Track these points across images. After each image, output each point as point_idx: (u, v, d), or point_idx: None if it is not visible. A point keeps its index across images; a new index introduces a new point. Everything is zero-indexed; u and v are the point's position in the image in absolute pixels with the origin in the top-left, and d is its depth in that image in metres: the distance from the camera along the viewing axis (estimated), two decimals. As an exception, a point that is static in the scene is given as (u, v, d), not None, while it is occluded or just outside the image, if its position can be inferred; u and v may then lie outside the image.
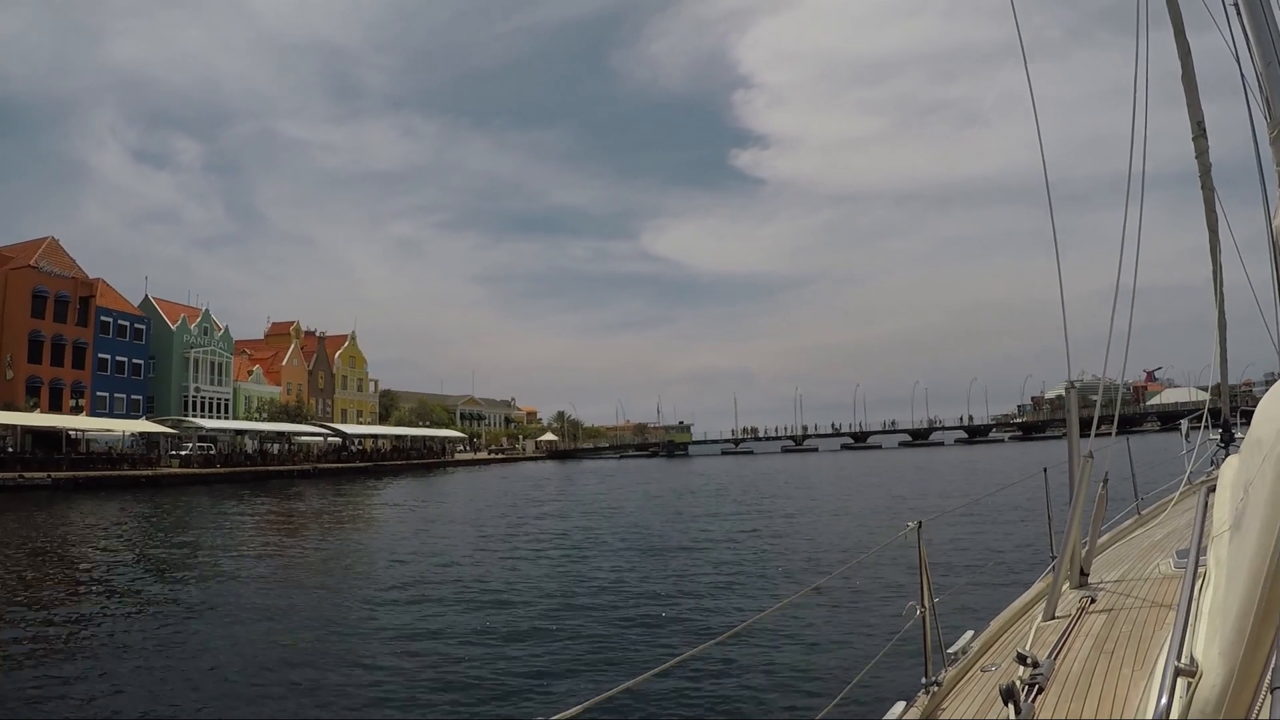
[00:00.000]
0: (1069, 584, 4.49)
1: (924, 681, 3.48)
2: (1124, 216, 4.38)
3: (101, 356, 58.78)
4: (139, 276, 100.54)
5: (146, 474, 45.31)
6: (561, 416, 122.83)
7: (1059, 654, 3.41)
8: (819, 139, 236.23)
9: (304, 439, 65.31)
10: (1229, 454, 6.49)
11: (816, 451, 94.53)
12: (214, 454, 55.46)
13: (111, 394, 59.35)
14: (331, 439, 67.36)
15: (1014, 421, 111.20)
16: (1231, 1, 3.65)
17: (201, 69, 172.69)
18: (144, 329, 63.25)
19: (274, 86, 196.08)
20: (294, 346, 79.99)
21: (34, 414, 47.50)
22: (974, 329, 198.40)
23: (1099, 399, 5.19)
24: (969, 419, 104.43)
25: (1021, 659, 3.04)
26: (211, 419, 62.56)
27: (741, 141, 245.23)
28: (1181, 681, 1.74)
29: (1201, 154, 6.58)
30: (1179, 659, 1.78)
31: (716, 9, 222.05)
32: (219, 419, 64.22)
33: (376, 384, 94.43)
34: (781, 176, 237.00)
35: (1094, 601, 4.18)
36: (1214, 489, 3.34)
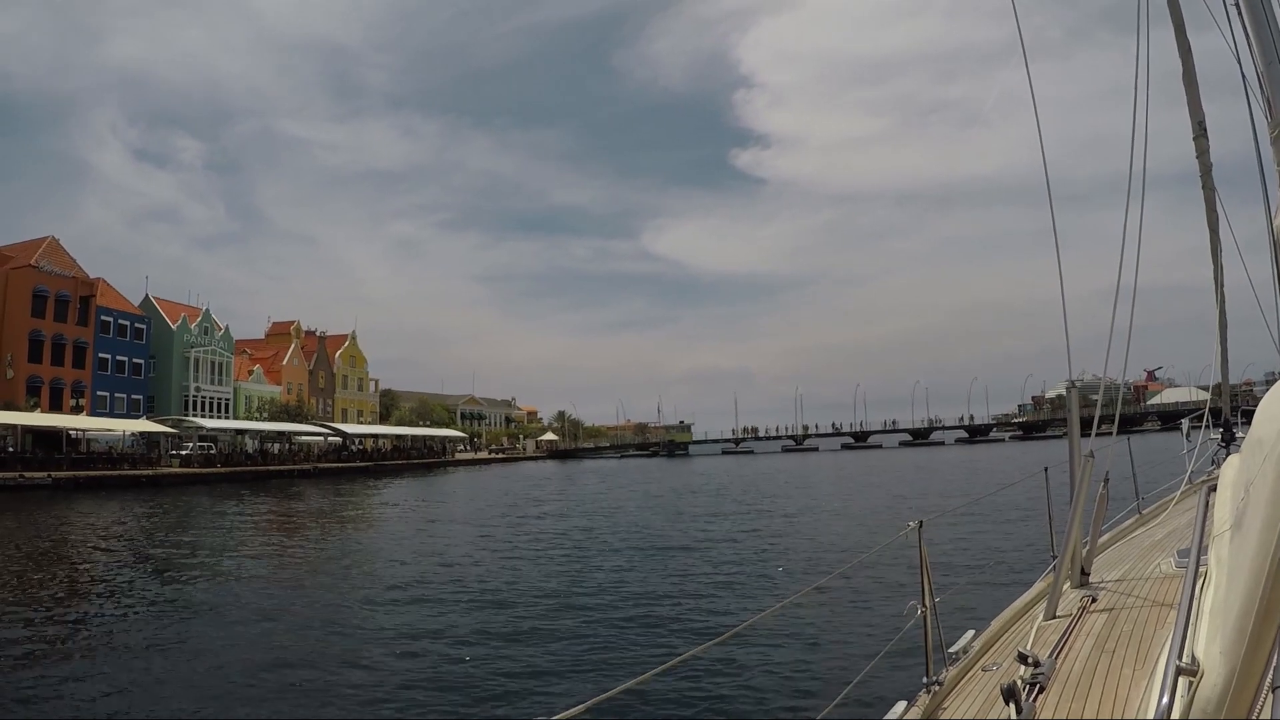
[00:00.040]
0: (1070, 583, 4.49)
1: (925, 681, 3.48)
2: (1125, 216, 4.39)
3: (102, 356, 58.82)
4: (139, 276, 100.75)
5: (147, 474, 45.34)
6: (562, 416, 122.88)
7: (1060, 653, 3.41)
8: (820, 139, 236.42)
9: (304, 439, 65.35)
10: (1230, 453, 6.49)
11: (817, 451, 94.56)
12: (214, 454, 55.49)
13: (112, 393, 59.40)
14: (332, 439, 67.42)
15: (1014, 421, 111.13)
16: (1232, 1, 3.66)
17: (202, 68, 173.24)
18: (144, 328, 63.28)
19: (275, 85, 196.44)
20: (294, 346, 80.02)
21: (34, 414, 47.54)
22: (974, 329, 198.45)
23: (1100, 399, 5.19)
24: (969, 419, 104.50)
25: (1023, 658, 3.04)
26: (212, 419, 62.62)
27: (742, 141, 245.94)
28: (1183, 681, 1.74)
29: (1202, 154, 6.58)
30: (1180, 658, 1.78)
31: (718, 9, 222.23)
32: (219, 419, 64.28)
33: (377, 383, 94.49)
34: (782, 176, 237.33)
35: (1095, 601, 4.18)
36: (1215, 488, 3.34)
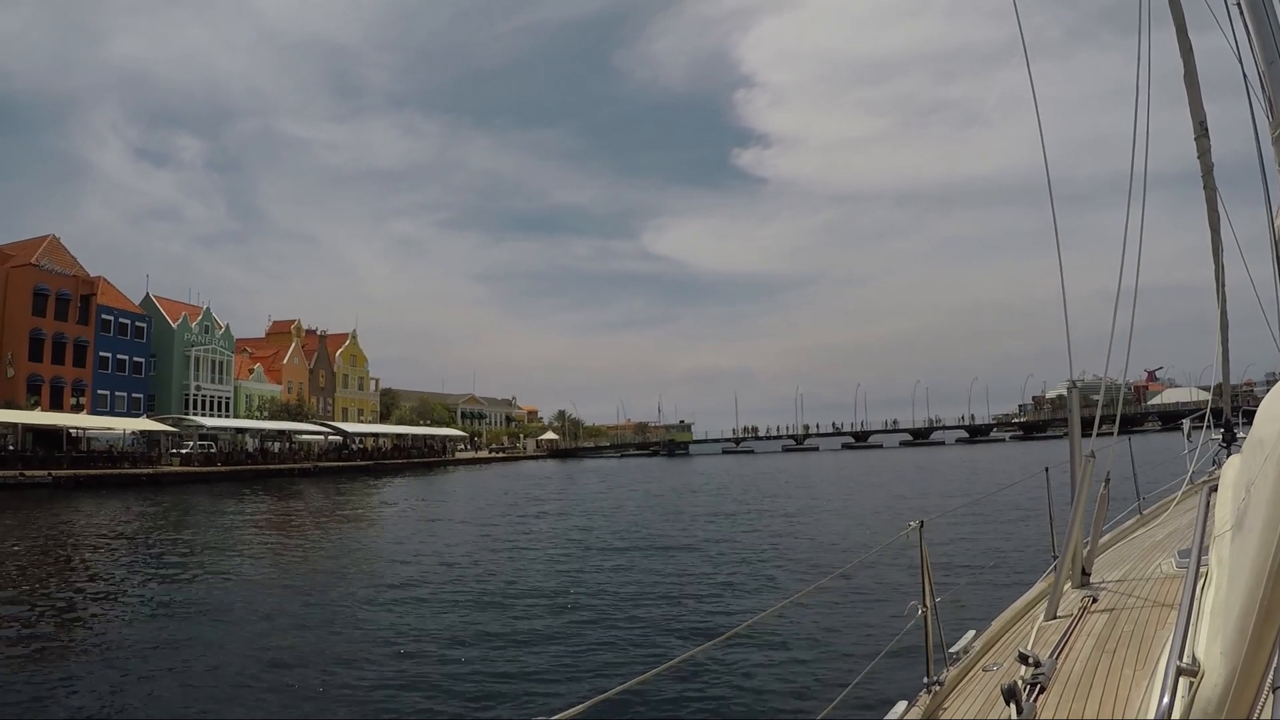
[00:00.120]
0: (1071, 583, 4.49)
1: (926, 681, 3.48)
2: (1126, 216, 4.38)
3: (102, 355, 58.87)
4: (140, 274, 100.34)
5: (147, 472, 45.32)
6: (562, 415, 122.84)
7: (1061, 653, 3.41)
8: (820, 139, 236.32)
9: (305, 437, 65.35)
10: (1231, 454, 6.48)
11: (817, 451, 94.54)
12: (215, 452, 55.44)
13: (112, 392, 59.45)
14: (332, 437, 67.42)
15: (1015, 421, 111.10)
16: (1233, 1, 3.65)
17: (203, 67, 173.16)
18: (145, 327, 63.31)
19: (276, 84, 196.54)
20: (295, 345, 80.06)
21: (35, 412, 47.56)
22: (975, 329, 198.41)
23: (1100, 399, 5.18)
24: (970, 418, 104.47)
25: (1023, 658, 3.04)
26: (212, 417, 62.68)
27: (743, 141, 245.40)
28: (1183, 681, 1.74)
29: (1203, 153, 6.57)
30: (1181, 658, 1.78)
31: (719, 8, 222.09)
32: (220, 417, 64.34)
33: (377, 382, 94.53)
34: (783, 176, 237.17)
35: (1096, 601, 4.18)
36: (1216, 489, 3.34)
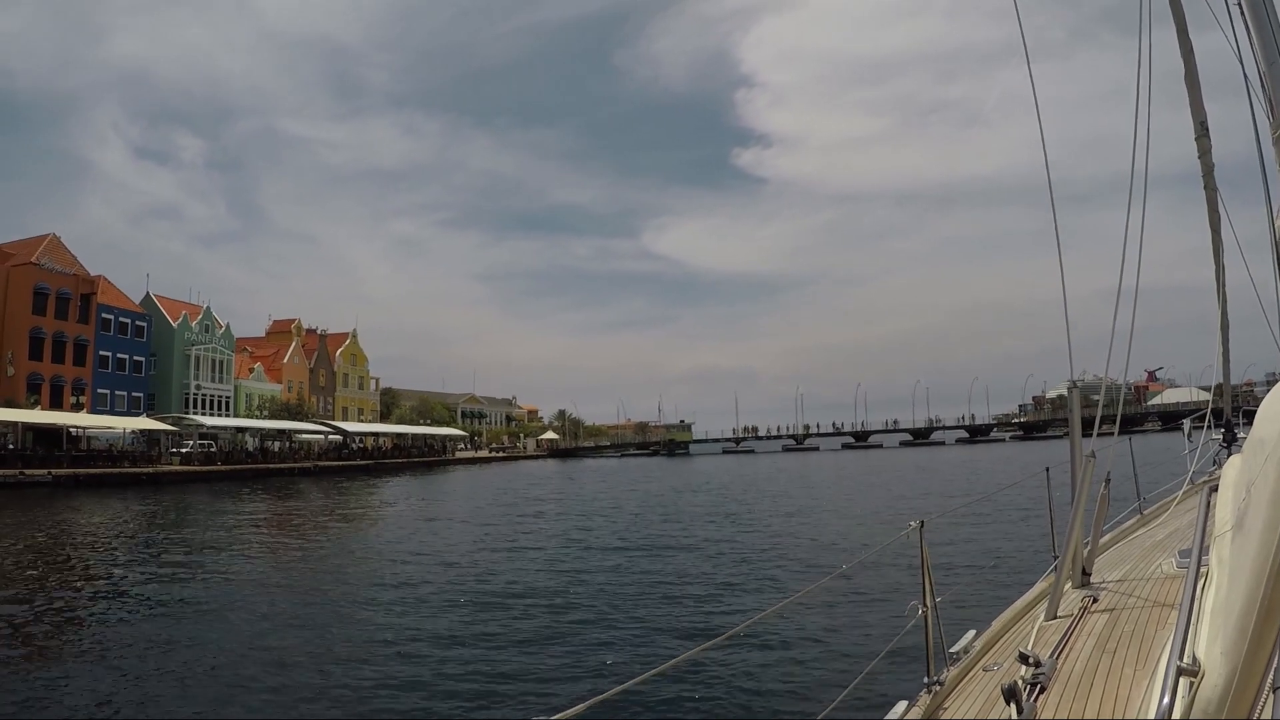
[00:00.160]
0: (1071, 583, 4.49)
1: (926, 681, 3.48)
2: (1126, 216, 4.38)
3: (103, 353, 58.87)
4: (140, 273, 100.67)
5: (147, 471, 45.32)
6: (563, 415, 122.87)
7: (1061, 653, 3.41)
8: (820, 139, 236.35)
9: (305, 437, 65.35)
10: (1231, 454, 6.48)
11: (818, 450, 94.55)
12: (215, 451, 55.46)
13: (112, 391, 59.46)
14: (332, 437, 67.44)
15: (1015, 421, 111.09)
16: (1234, 1, 3.65)
17: (204, 66, 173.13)
18: (145, 326, 63.31)
19: (276, 84, 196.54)
20: (295, 344, 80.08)
21: (35, 411, 47.55)
22: (975, 329, 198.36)
23: (1101, 399, 5.18)
24: (970, 419, 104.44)
25: (1023, 658, 3.04)
26: (212, 416, 62.70)
27: (743, 141, 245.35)
28: (1184, 681, 1.74)
29: (1204, 154, 6.57)
30: (1181, 658, 1.78)
31: (721, 8, 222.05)
32: (220, 416, 64.36)
33: (378, 382, 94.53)
34: (783, 176, 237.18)
35: (1096, 601, 4.18)
36: (1216, 489, 3.34)
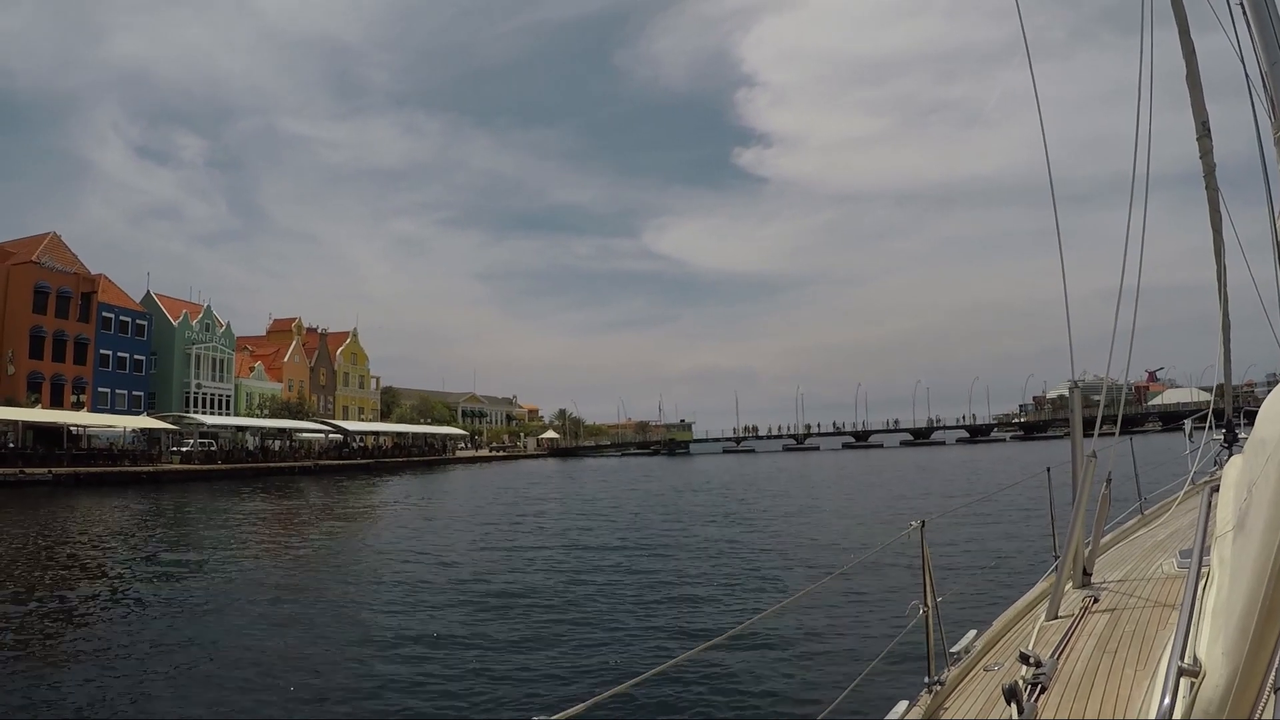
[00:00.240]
0: (1072, 583, 4.48)
1: (926, 681, 3.47)
2: (1128, 216, 4.38)
3: (103, 352, 58.88)
4: (141, 272, 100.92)
5: (147, 470, 45.34)
6: (563, 414, 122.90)
7: (1062, 653, 3.41)
8: (821, 139, 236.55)
9: (305, 436, 65.37)
10: (1232, 454, 6.48)
11: (818, 450, 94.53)
12: (215, 450, 55.46)
13: (113, 390, 59.47)
14: (333, 436, 67.47)
15: (1015, 421, 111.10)
16: (1236, 1, 3.65)
17: (204, 65, 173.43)
18: (146, 325, 63.31)
19: (276, 83, 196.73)
20: (296, 343, 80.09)
21: (35, 410, 47.57)
22: (975, 329, 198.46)
23: (1102, 399, 5.18)
24: (970, 418, 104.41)
25: (1024, 658, 3.04)
26: (213, 415, 62.68)
27: (744, 140, 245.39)
28: (1184, 681, 1.74)
29: (1206, 154, 6.56)
30: (1182, 659, 1.78)
31: (721, 7, 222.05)
32: (220, 415, 64.36)
33: (378, 381, 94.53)
34: (783, 176, 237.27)
35: (1097, 601, 4.17)
36: (1217, 489, 3.34)
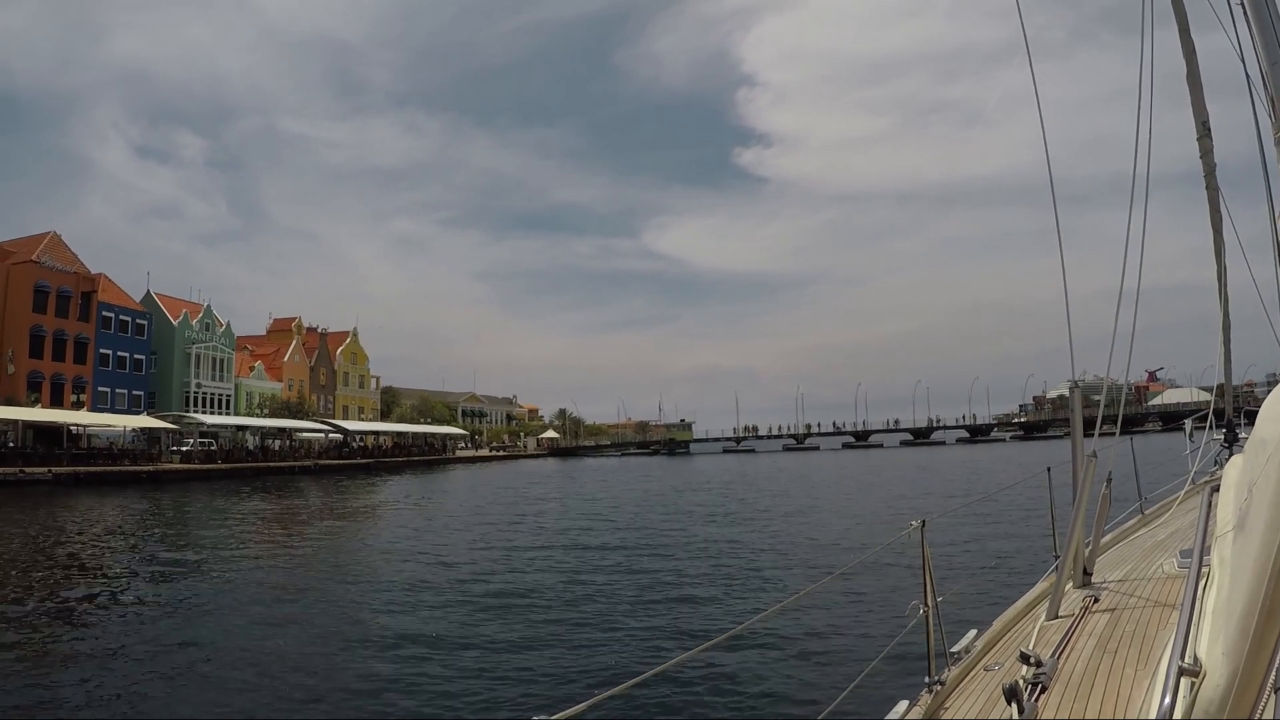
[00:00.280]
0: (1072, 583, 4.48)
1: (927, 680, 3.48)
2: (1128, 216, 4.37)
3: (103, 352, 58.87)
4: (141, 272, 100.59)
5: (147, 470, 45.33)
6: (563, 414, 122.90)
7: (1062, 653, 3.41)
8: (821, 138, 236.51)
9: (305, 435, 65.34)
10: (1233, 454, 6.47)
11: (818, 450, 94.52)
12: (215, 450, 55.48)
13: (113, 389, 59.47)
14: (333, 435, 67.46)
15: (1015, 421, 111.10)
16: (1236, 1, 3.65)
17: (204, 65, 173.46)
18: (146, 324, 63.30)
19: (277, 83, 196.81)
20: (296, 343, 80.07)
21: (35, 409, 47.56)
22: (975, 329, 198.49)
23: (1102, 399, 5.18)
24: (971, 418, 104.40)
25: (1024, 658, 3.04)
26: (213, 415, 62.67)
27: (744, 140, 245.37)
28: (1185, 681, 1.74)
29: (1206, 154, 6.56)
30: (1182, 659, 1.78)
31: (721, 7, 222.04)
32: (220, 415, 64.35)
33: (378, 381, 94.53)
34: (784, 176, 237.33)
35: (1097, 601, 4.17)
36: (1218, 489, 3.34)
